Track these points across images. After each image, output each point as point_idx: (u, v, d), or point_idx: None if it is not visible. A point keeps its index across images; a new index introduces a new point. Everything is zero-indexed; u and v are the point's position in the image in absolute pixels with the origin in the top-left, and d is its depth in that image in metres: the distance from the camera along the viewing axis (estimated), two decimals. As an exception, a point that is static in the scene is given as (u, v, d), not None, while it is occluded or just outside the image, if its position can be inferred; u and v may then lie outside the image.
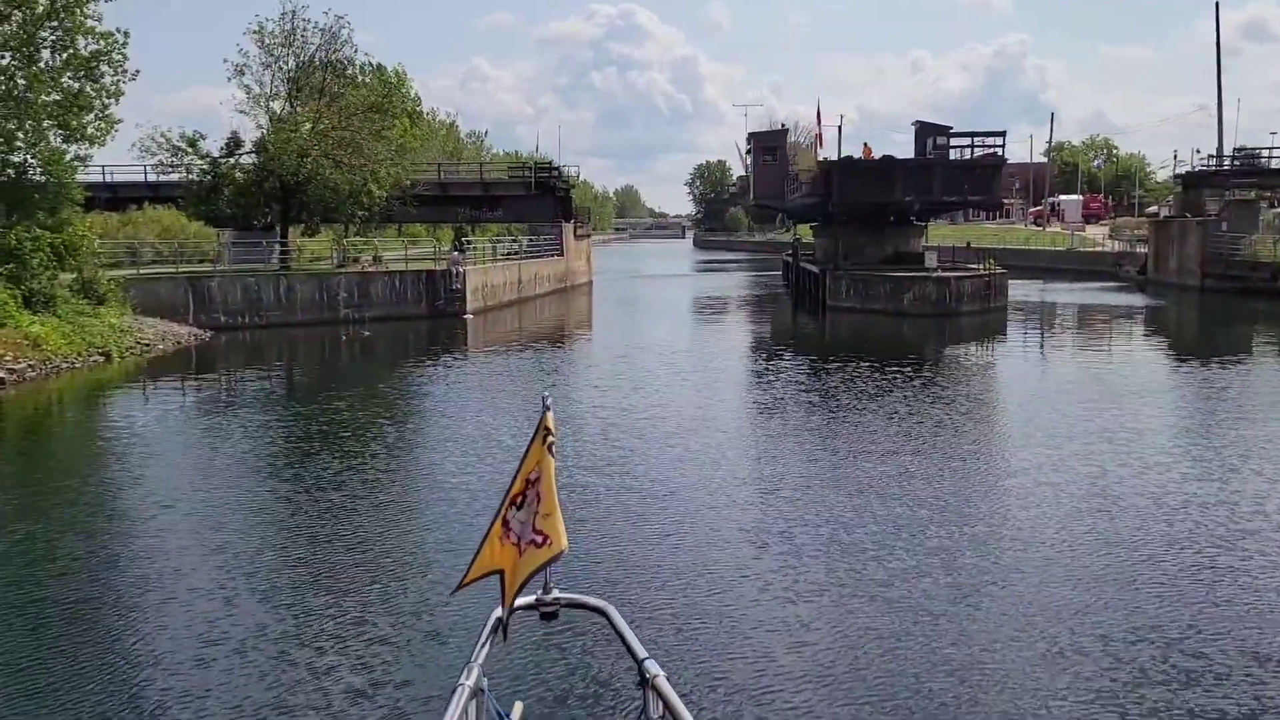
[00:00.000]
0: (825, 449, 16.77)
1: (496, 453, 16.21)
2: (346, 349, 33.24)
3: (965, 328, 37.26)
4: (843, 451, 16.46)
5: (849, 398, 21.51)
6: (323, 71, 39.08)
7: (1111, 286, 56.18)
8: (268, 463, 16.66)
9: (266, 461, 16.75)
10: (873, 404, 20.73)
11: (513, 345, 33.33)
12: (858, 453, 16.26)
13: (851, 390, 22.35)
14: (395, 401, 22.67)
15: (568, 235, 59.47)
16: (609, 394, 22.46)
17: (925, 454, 16.12)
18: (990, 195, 40.54)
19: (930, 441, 17.05)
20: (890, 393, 21.88)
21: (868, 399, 21.34)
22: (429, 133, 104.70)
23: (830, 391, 22.41)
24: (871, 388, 22.67)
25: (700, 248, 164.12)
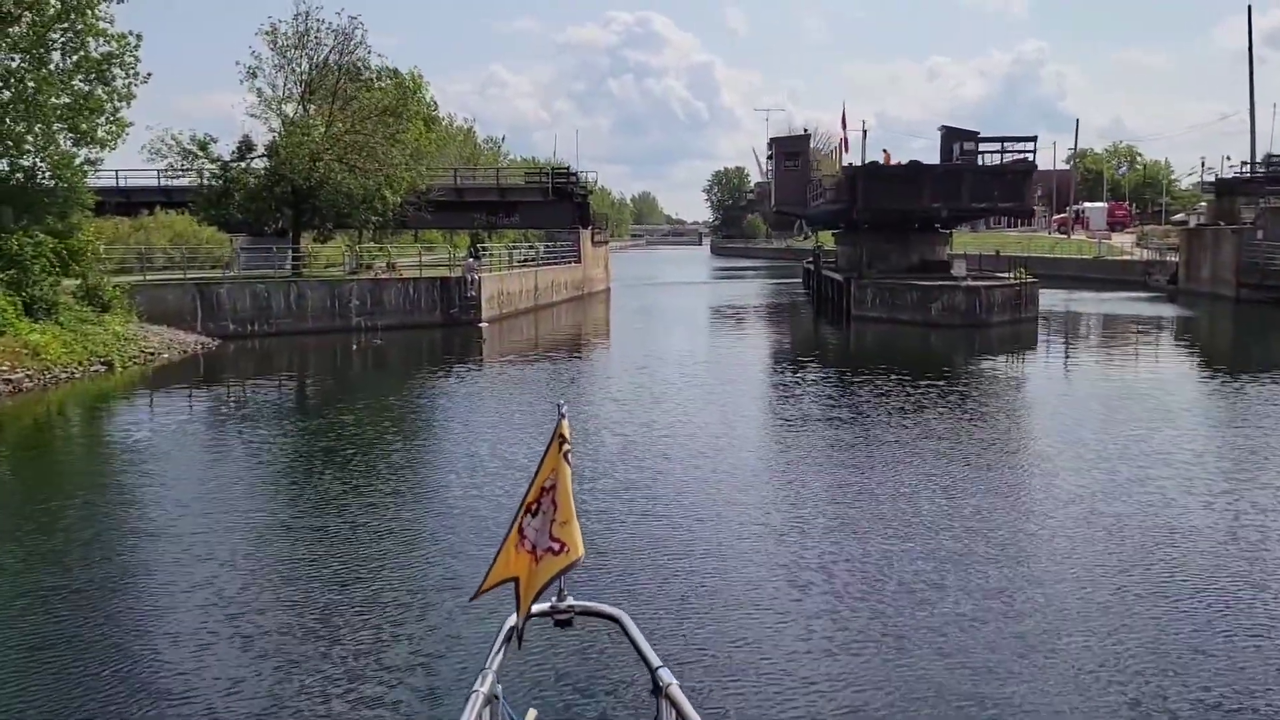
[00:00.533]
0: (859, 473, 15.67)
1: (509, 474, 15.20)
2: (358, 358, 32.34)
3: (995, 339, 36.07)
4: (878, 475, 15.36)
5: (880, 414, 20.42)
6: (336, 74, 38.22)
7: (1141, 296, 54.82)
8: (269, 481, 15.75)
9: (268, 479, 15.83)
10: (906, 421, 19.64)
11: (529, 355, 32.37)
12: (894, 478, 15.17)
13: (882, 406, 21.26)
14: (405, 416, 21.72)
15: (585, 242, 58.54)
16: (629, 408, 21.43)
17: (968, 478, 15.04)
18: (1021, 202, 39.33)
19: (972, 464, 15.96)
20: (923, 409, 20.78)
21: (900, 416, 20.25)
22: (445, 137, 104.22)
23: (860, 407, 21.32)
24: (903, 403, 21.57)
25: (718, 254, 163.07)
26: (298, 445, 18.29)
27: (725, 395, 23.88)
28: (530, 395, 23.78)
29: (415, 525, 12.83)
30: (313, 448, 18.03)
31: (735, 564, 11.26)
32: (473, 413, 21.91)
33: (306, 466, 16.63)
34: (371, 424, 20.09)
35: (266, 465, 16.72)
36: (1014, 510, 13.35)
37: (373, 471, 15.83)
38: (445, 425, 20.98)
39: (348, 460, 16.75)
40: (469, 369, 29.21)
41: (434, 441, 19.31)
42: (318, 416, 21.63)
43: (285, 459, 17.20)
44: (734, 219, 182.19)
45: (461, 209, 58.52)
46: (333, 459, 16.90)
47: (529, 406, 21.87)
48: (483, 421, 20.48)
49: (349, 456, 17.03)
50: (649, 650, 2.89)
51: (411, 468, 16.47)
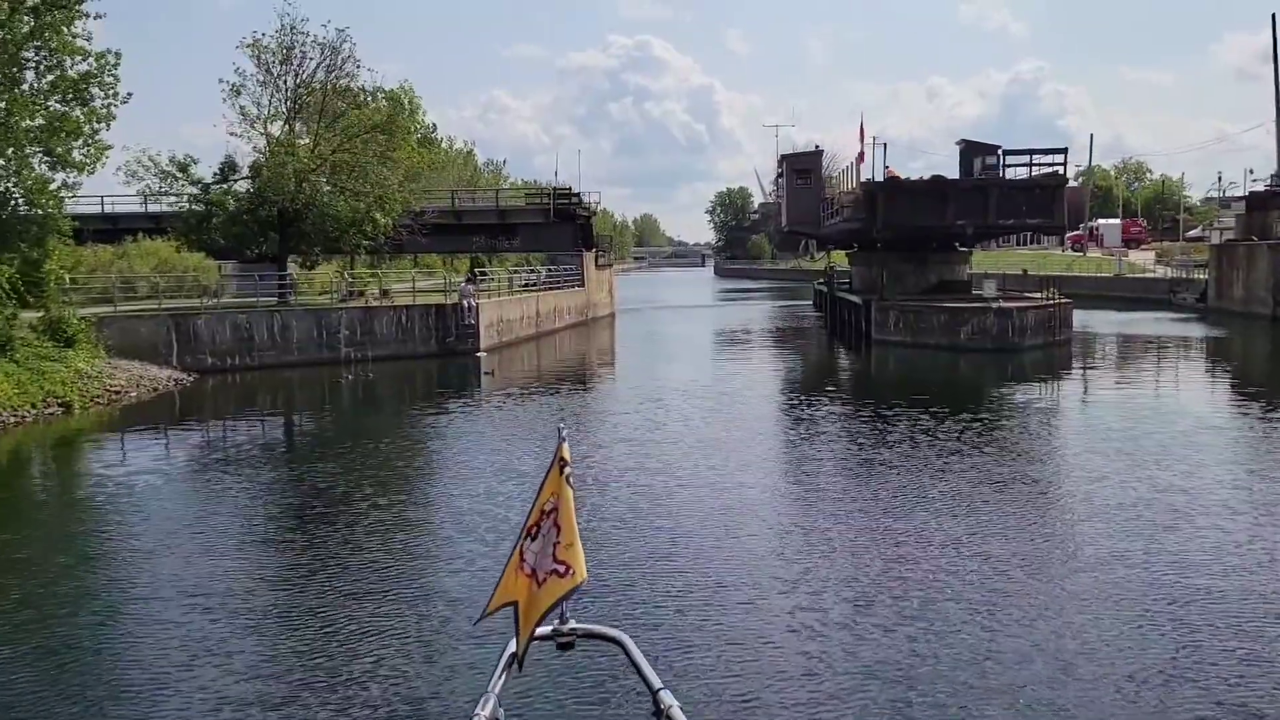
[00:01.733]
0: (897, 520, 13.36)
1: (500, 528, 13.03)
2: (347, 392, 30.02)
3: (1029, 364, 33.71)
4: (916, 526, 13.07)
5: (912, 452, 18.07)
6: (323, 90, 36.01)
7: (1169, 315, 52.50)
8: (233, 541, 13.36)
9: (232, 539, 13.44)
10: (935, 459, 17.35)
11: (530, 387, 30.00)
12: (921, 524, 12.97)
13: (909, 443, 18.94)
14: (394, 462, 19.29)
15: (589, 265, 56.33)
16: (643, 450, 19.04)
17: (1000, 529, 12.91)
18: (1051, 218, 36.99)
19: (1021, 517, 13.69)
20: (961, 450, 18.39)
21: (928, 452, 17.99)
22: (445, 159, 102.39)
23: (885, 445, 18.94)
24: (931, 438, 19.30)
25: (722, 276, 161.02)
26: (269, 500, 15.94)
27: (740, 431, 21.57)
28: (531, 435, 21.39)
29: (406, 579, 11.80)
30: (286, 502, 15.70)
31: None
32: (467, 456, 19.55)
33: (280, 524, 14.30)
34: (356, 472, 17.73)
35: (230, 521, 14.34)
36: (1051, 578, 11.04)
37: (357, 528, 13.67)
38: (438, 472, 18.64)
39: (329, 515, 14.50)
40: (465, 404, 26.85)
41: (424, 492, 16.94)
42: (296, 463, 19.30)
43: (254, 515, 14.83)
44: (738, 240, 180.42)
45: (460, 232, 56.48)
46: (311, 513, 14.68)
47: (529, 450, 19.49)
48: (478, 466, 18.10)
49: (330, 510, 14.78)
50: (650, 672, 2.87)
51: (400, 524, 14.18)
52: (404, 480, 17.71)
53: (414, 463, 19.49)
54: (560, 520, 2.83)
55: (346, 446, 20.58)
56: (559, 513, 2.84)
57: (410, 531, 13.91)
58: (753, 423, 23.13)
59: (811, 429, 22.13)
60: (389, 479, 17.52)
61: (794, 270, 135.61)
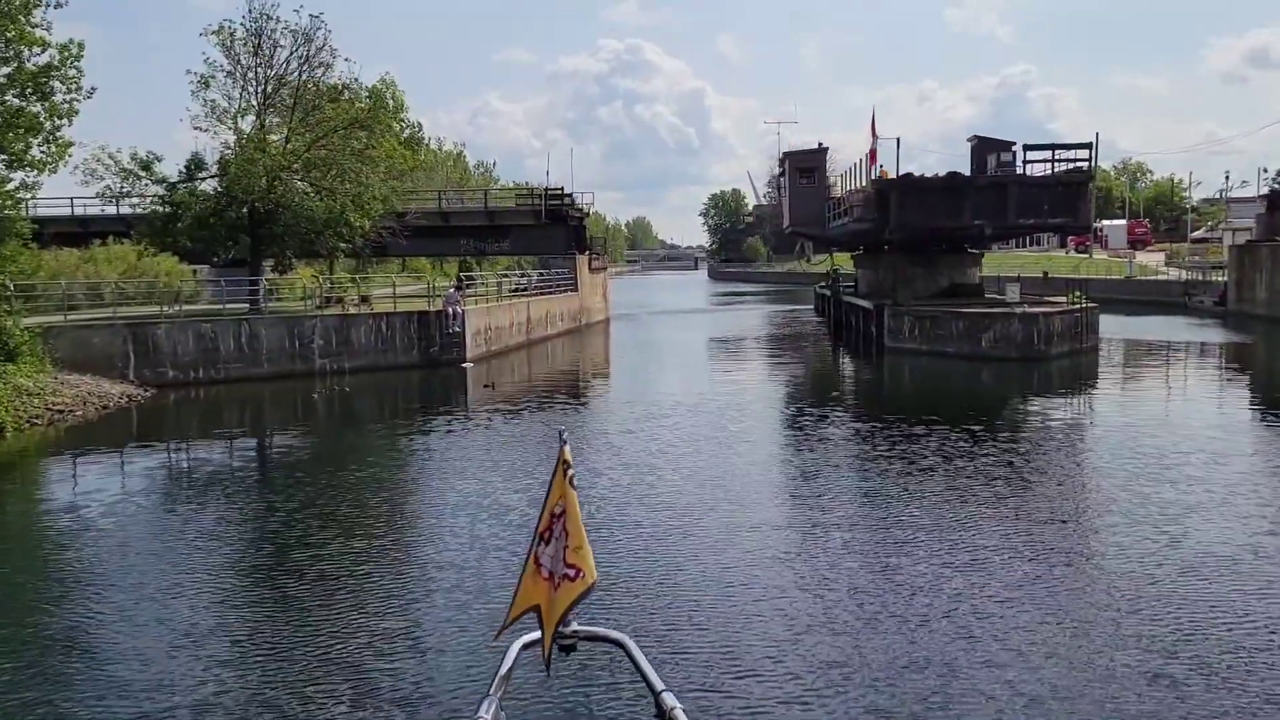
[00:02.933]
0: (903, 552, 11.10)
1: (483, 572, 10.94)
2: (322, 407, 27.61)
3: (1056, 374, 31.44)
4: (957, 571, 10.77)
5: (936, 479, 15.81)
6: (297, 80, 33.53)
7: (1187, 319, 50.36)
8: (194, 582, 11.00)
9: (191, 581, 11.08)
10: (970, 488, 15.02)
11: (520, 402, 27.59)
12: (961, 564, 10.73)
13: (939, 469, 16.64)
14: (368, 489, 16.87)
15: (582, 268, 53.94)
16: (645, 478, 16.68)
17: (1025, 564, 10.88)
18: (1075, 217, 34.69)
19: (1029, 543, 11.45)
20: (987, 474, 16.12)
21: (962, 481, 15.73)
22: (433, 160, 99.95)
23: (914, 470, 16.61)
24: (963, 464, 17.10)
25: (716, 279, 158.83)
26: (229, 533, 13.57)
27: (746, 455, 19.25)
28: (520, 459, 18.98)
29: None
30: (249, 536, 13.32)
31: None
32: (449, 481, 17.16)
33: (243, 563, 11.97)
34: (330, 500, 15.51)
35: (183, 560, 11.94)
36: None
37: (333, 561, 11.98)
38: (417, 501, 16.25)
39: (300, 548, 12.54)
40: (448, 421, 24.43)
41: (403, 524, 14.56)
42: (259, 491, 16.97)
43: (211, 550, 12.44)
44: (732, 242, 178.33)
45: (447, 234, 54.15)
46: (279, 546, 12.66)
47: (518, 475, 17.10)
48: (460, 494, 15.72)
49: (301, 543, 12.76)
50: (653, 675, 2.81)
51: (379, 558, 12.28)
52: (380, 512, 15.40)
53: (391, 491, 17.07)
54: (568, 524, 2.81)
55: (318, 471, 18.33)
56: (566, 516, 2.82)
57: (390, 566, 12.58)
58: (760, 443, 20.79)
59: (823, 448, 19.87)
60: (364, 510, 15.41)
61: (790, 273, 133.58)
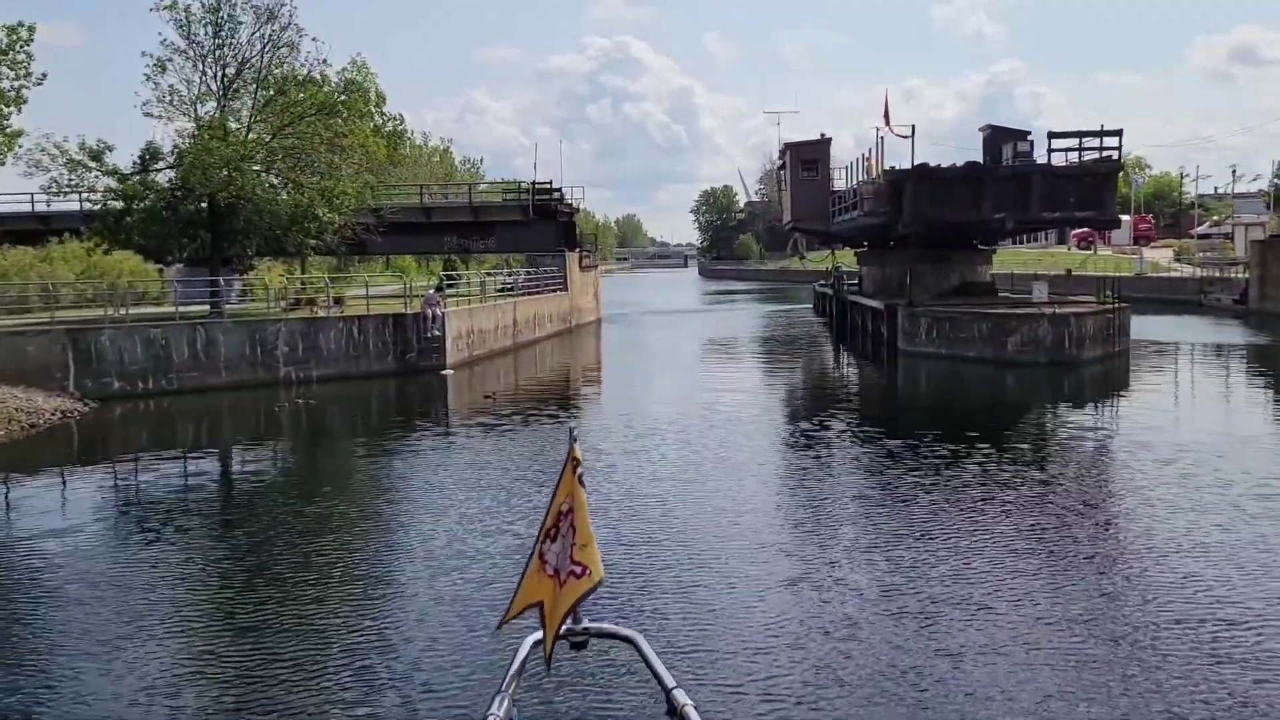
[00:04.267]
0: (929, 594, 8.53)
1: None
2: (287, 420, 24.92)
3: (1087, 380, 28.93)
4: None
5: (975, 502, 13.15)
6: (259, 63, 30.73)
7: (1206, 319, 48.01)
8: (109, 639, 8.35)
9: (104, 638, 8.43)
10: (1018, 518, 12.39)
11: (504, 414, 24.94)
12: None
13: (976, 490, 14.00)
14: (330, 519, 14.22)
15: (572, 267, 51.25)
16: (649, 511, 14.06)
17: None
18: (1103, 209, 32.22)
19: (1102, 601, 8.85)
20: (1034, 499, 13.52)
21: (1000, 506, 13.03)
22: (418, 155, 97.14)
23: (947, 486, 14.00)
24: (1001, 485, 14.38)
25: (707, 277, 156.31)
26: (173, 583, 10.88)
27: (754, 478, 16.67)
28: (506, 481, 16.29)
29: None
30: (198, 585, 10.65)
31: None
32: (426, 510, 14.50)
33: (193, 615, 9.30)
34: (285, 534, 12.79)
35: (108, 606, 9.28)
36: None
37: (298, 596, 9.50)
38: (386, 528, 13.59)
39: (257, 598, 10.03)
40: (423, 437, 21.77)
41: (372, 556, 11.93)
42: (208, 525, 14.29)
43: (145, 602, 9.77)
44: (724, 240, 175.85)
45: (430, 231, 51.46)
46: (231, 595, 10.04)
47: (503, 502, 14.44)
48: (438, 524, 13.07)
49: (259, 589, 10.25)
50: (664, 671, 2.81)
51: (350, 611, 9.44)
52: (350, 544, 12.96)
53: (360, 520, 14.38)
54: (575, 521, 2.78)
55: (277, 495, 15.80)
56: (574, 513, 2.79)
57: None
58: (772, 464, 18.19)
59: (842, 468, 17.37)
60: (332, 542, 13.21)
61: (783, 271, 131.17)
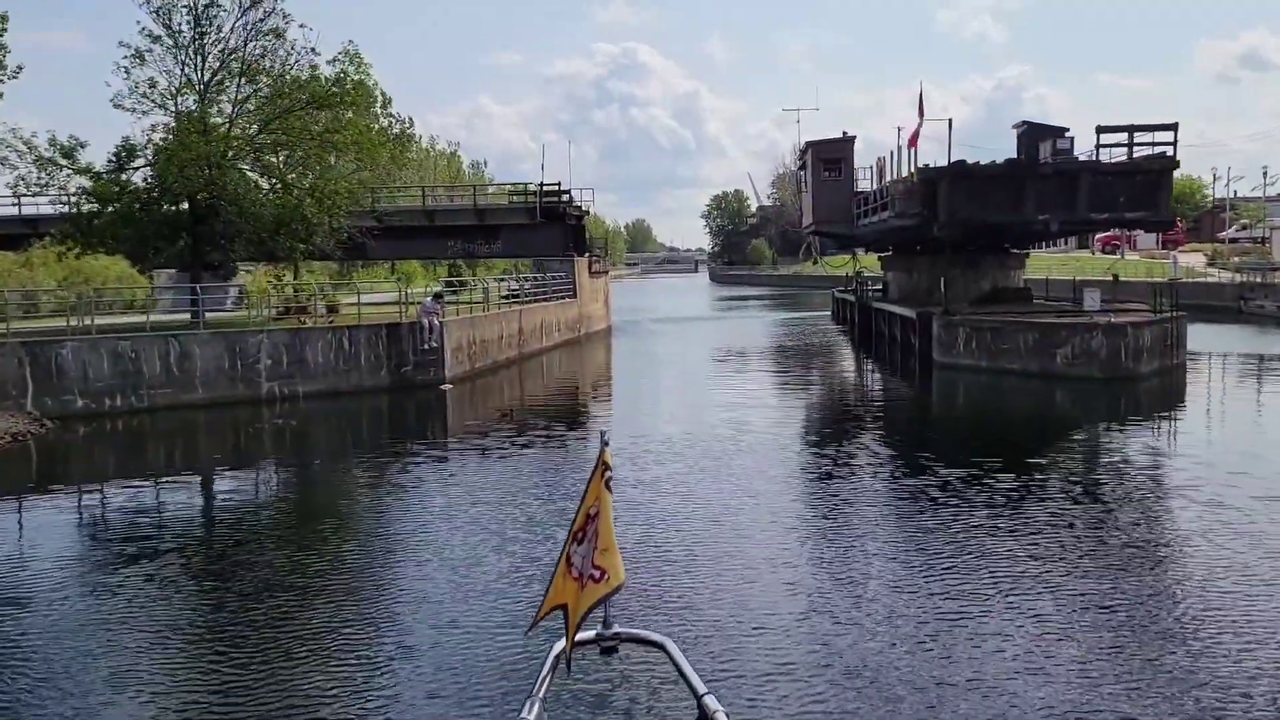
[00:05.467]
0: None
1: None
2: (269, 440, 22.67)
3: (1144, 396, 26.45)
4: None
5: (1040, 544, 10.72)
6: (243, 53, 28.46)
7: (1246, 327, 45.44)
8: None
9: None
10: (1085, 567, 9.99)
11: (505, 434, 22.61)
12: None
13: (1041, 531, 11.56)
14: (313, 552, 11.88)
15: (581, 272, 48.93)
16: (676, 557, 11.67)
17: None
18: (1157, 211, 29.77)
19: None
20: (1101, 536, 11.06)
21: (1059, 546, 10.56)
22: (425, 158, 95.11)
23: (1002, 523, 11.57)
24: (1060, 524, 11.87)
25: (718, 282, 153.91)
26: (134, 626, 8.58)
27: (784, 491, 14.25)
28: (508, 514, 13.93)
29: None
30: (165, 628, 8.36)
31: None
32: (420, 546, 12.15)
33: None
34: (263, 569, 10.44)
35: None
36: None
37: None
38: (381, 569, 11.24)
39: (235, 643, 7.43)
40: (416, 461, 19.42)
41: (365, 606, 9.60)
42: (177, 559, 11.96)
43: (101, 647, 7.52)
44: (735, 245, 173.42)
45: (433, 235, 49.32)
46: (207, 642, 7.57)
47: (508, 540, 12.08)
48: (434, 560, 10.73)
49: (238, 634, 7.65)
50: (694, 677, 2.80)
51: None
52: (335, 584, 10.53)
53: (346, 556, 12.03)
54: (599, 525, 2.79)
55: (253, 526, 13.29)
56: (599, 518, 2.80)
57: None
58: (798, 486, 15.76)
59: (874, 493, 14.78)
60: (317, 579, 11.16)
61: (797, 276, 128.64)
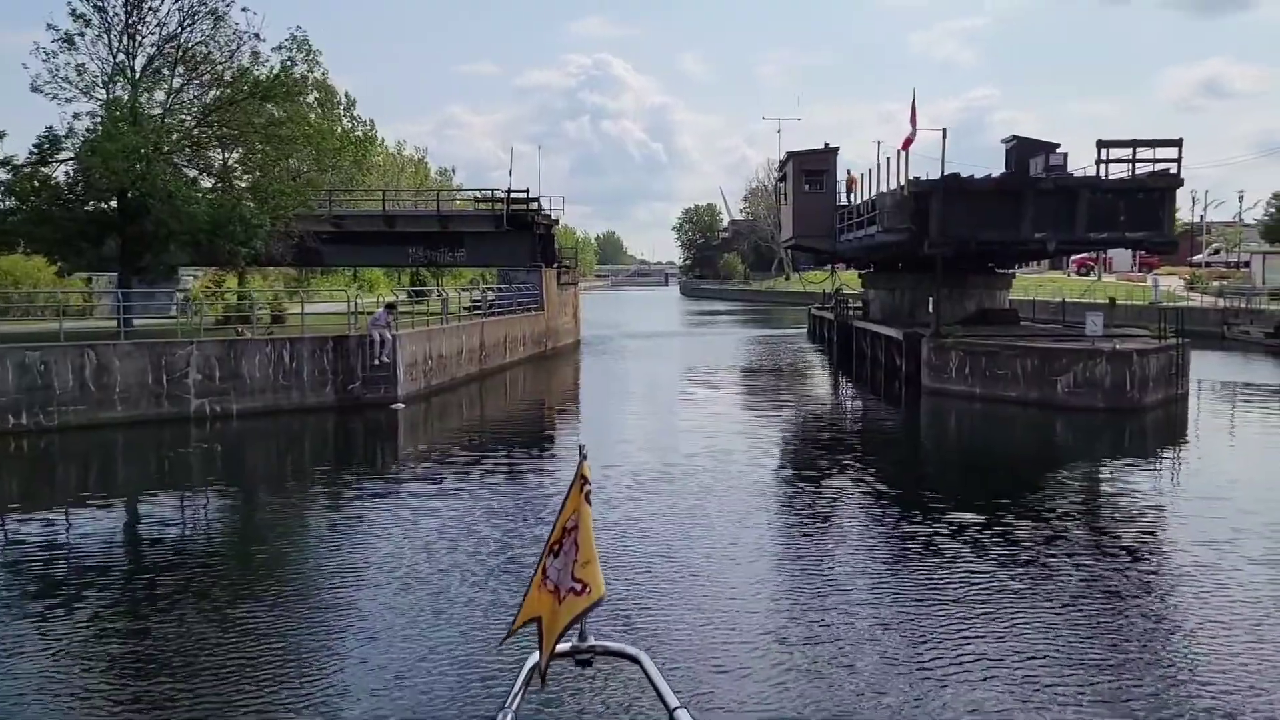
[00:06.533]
0: None
1: None
2: (197, 464, 20.28)
3: (1150, 428, 24.68)
4: None
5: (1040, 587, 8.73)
6: (179, 37, 26.06)
7: (1230, 354, 43.98)
8: None
9: None
10: None
11: (459, 462, 20.37)
12: None
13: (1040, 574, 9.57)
14: (234, 595, 9.60)
15: (549, 283, 46.69)
16: (648, 607, 9.54)
17: None
18: (1160, 230, 28.08)
19: None
20: (1108, 584, 9.12)
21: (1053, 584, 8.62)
22: (389, 164, 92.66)
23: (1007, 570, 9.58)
24: (1065, 567, 9.89)
25: (689, 296, 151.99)
26: None
27: (766, 531, 12.17)
28: (455, 546, 11.71)
29: None
30: None
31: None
32: (358, 591, 9.92)
33: None
34: (180, 614, 8.20)
35: None
36: None
37: None
38: (313, 618, 9.01)
39: None
40: (361, 491, 17.13)
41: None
42: (81, 601, 9.67)
43: None
44: (707, 259, 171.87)
45: (393, 241, 46.80)
46: None
47: (460, 591, 9.87)
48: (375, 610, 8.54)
49: None
50: (668, 691, 2.73)
51: None
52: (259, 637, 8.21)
53: (271, 605, 9.77)
54: (579, 538, 2.75)
55: (174, 560, 10.96)
56: (579, 530, 2.76)
57: None
58: (782, 544, 13.66)
59: (861, 537, 12.69)
60: (237, 626, 8.29)
61: (769, 291, 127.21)
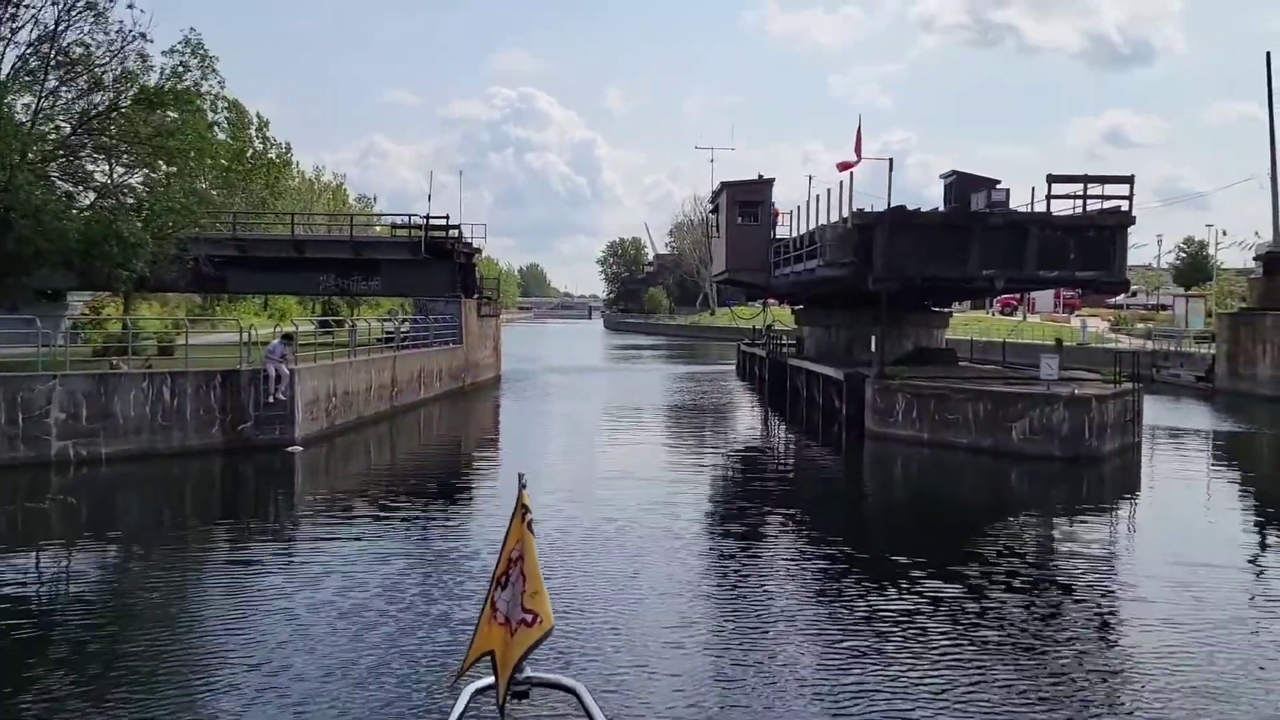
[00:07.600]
0: None
1: None
2: (56, 516, 17.51)
3: (1109, 479, 23.32)
4: None
5: None
6: (55, 34, 23.34)
7: (1162, 397, 43.35)
8: None
9: None
10: None
11: (365, 509, 17.92)
12: None
13: None
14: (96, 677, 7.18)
15: (469, 315, 44.30)
16: None
17: None
18: (1110, 270, 26.96)
19: None
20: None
21: None
22: (305, 189, 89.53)
23: None
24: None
25: (613, 330, 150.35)
26: None
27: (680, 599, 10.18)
28: (350, 605, 9.38)
29: None
30: None
31: None
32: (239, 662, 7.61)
33: None
34: None
35: None
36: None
37: None
38: None
39: None
40: (248, 551, 14.61)
41: None
42: None
43: None
44: (632, 293, 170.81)
45: (303, 268, 44.12)
46: None
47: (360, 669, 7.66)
48: None
49: None
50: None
51: None
52: None
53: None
54: (525, 569, 2.75)
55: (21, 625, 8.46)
56: (524, 560, 2.75)
57: None
58: (726, 609, 11.63)
59: (814, 598, 10.74)
60: None
61: (693, 326, 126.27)
